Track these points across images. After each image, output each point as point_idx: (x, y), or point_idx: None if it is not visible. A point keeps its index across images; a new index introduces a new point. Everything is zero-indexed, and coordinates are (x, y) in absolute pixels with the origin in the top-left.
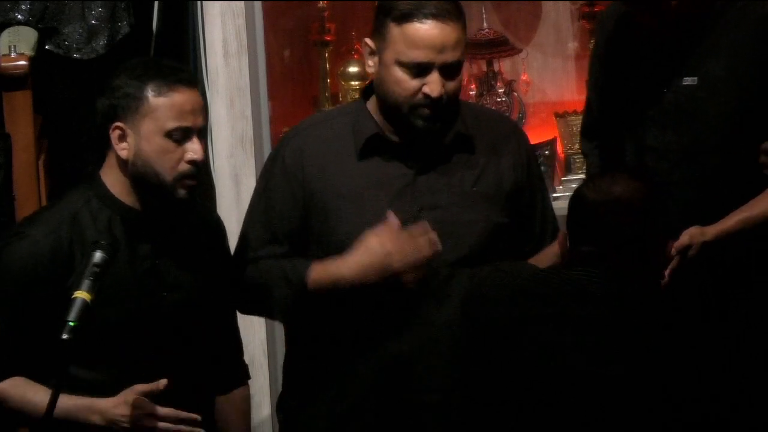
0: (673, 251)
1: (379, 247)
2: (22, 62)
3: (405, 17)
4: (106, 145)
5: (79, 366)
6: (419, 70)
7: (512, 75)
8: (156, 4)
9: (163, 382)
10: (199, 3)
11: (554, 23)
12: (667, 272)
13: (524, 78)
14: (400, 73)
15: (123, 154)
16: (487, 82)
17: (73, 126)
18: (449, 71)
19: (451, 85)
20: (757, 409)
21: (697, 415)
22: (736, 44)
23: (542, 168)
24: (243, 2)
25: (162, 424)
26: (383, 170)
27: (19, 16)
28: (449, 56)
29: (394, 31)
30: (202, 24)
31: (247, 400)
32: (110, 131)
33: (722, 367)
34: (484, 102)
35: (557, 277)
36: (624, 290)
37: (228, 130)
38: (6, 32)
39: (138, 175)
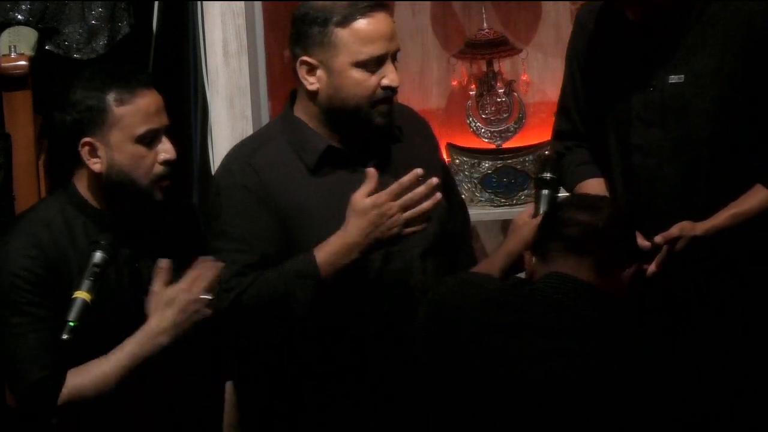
0: (661, 241)
1: (369, 203)
2: (22, 62)
3: (349, 18)
4: (74, 159)
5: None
6: (377, 64)
7: (512, 75)
8: (156, 4)
9: (165, 261)
10: (199, 3)
11: (554, 23)
12: (654, 262)
13: (524, 78)
14: (358, 74)
15: (96, 168)
16: (487, 82)
17: None
18: (395, 58)
19: (397, 72)
20: (743, 408)
21: (675, 421)
22: (722, 40)
23: None
24: (243, 2)
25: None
26: (339, 180)
27: (19, 16)
28: (397, 42)
29: (342, 34)
30: (202, 24)
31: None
32: (79, 148)
33: (701, 371)
34: (484, 102)
35: (525, 288)
36: (594, 300)
37: (228, 130)
38: (6, 32)
39: (113, 185)
